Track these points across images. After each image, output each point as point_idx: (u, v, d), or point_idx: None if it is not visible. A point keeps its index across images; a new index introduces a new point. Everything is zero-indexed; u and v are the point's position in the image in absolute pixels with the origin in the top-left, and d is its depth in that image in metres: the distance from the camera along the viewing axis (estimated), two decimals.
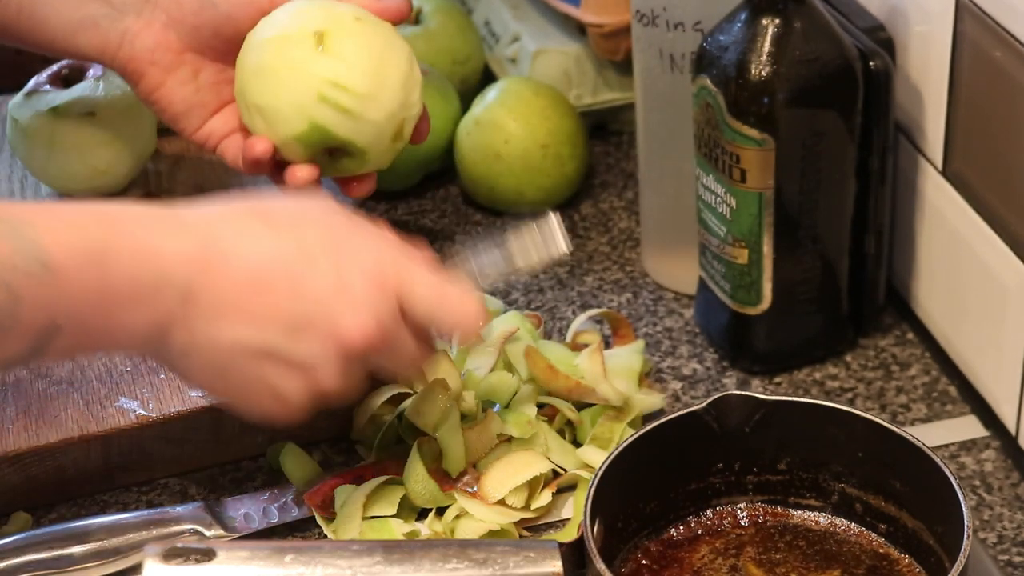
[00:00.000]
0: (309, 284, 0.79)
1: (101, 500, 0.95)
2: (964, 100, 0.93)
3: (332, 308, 0.79)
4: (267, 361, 0.79)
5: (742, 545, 0.84)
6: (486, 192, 1.18)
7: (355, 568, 0.74)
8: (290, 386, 0.80)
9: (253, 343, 0.78)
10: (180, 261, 0.76)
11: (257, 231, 0.79)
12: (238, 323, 0.78)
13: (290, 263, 0.79)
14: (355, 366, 0.81)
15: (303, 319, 0.78)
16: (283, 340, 0.78)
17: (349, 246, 0.81)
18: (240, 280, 0.78)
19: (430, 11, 1.27)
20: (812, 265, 0.99)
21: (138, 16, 0.97)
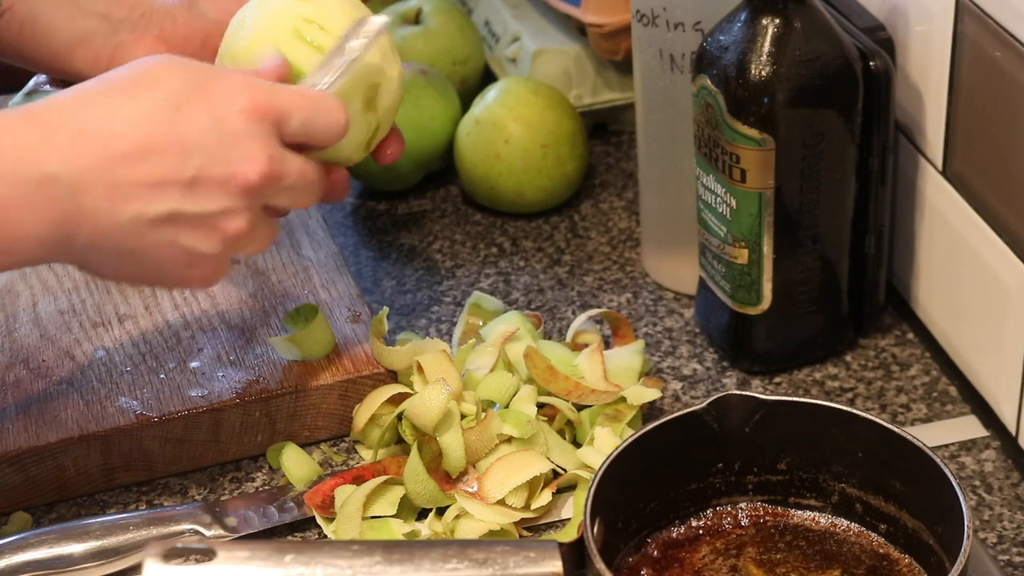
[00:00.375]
0: (190, 136, 0.79)
1: (101, 500, 0.95)
2: (964, 100, 0.93)
3: (220, 153, 0.79)
4: (172, 225, 0.79)
5: (742, 545, 0.84)
6: (486, 192, 1.18)
7: (355, 568, 0.74)
8: (202, 243, 0.81)
9: (154, 212, 0.78)
10: (56, 155, 0.76)
11: (121, 103, 0.79)
12: (134, 198, 0.78)
13: (165, 122, 0.78)
14: (258, 204, 0.82)
15: (196, 173, 0.79)
16: (183, 200, 0.79)
17: (213, 87, 0.81)
18: (122, 154, 0.77)
19: (430, 11, 1.27)
20: (812, 265, 0.99)
21: (132, 31, 0.98)
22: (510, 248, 1.16)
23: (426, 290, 1.12)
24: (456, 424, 0.92)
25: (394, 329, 1.07)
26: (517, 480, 0.90)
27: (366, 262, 1.15)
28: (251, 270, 1.07)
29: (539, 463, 0.91)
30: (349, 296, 1.04)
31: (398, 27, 1.27)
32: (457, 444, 0.91)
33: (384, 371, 0.98)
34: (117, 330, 1.01)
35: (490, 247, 1.16)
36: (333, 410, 0.98)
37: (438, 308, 1.10)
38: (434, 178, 1.23)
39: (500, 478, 0.91)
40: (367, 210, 1.21)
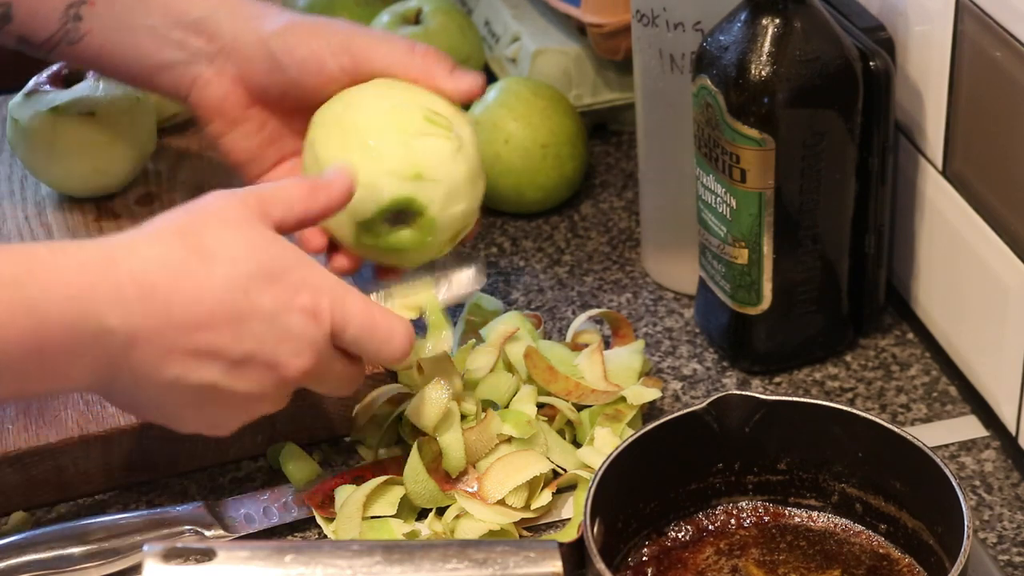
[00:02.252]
0: (250, 324, 0.80)
1: (101, 500, 0.95)
2: (964, 100, 0.93)
3: (273, 347, 0.80)
4: (209, 395, 0.81)
5: (742, 545, 0.84)
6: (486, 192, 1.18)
7: (355, 568, 0.74)
8: (229, 415, 0.83)
9: (195, 379, 0.79)
10: (121, 314, 0.77)
11: (195, 271, 0.79)
12: (180, 362, 0.79)
13: (231, 303, 0.79)
14: (290, 391, 0.84)
15: (244, 358, 0.80)
16: (224, 376, 0.80)
17: (288, 280, 0.81)
18: (182, 323, 0.78)
19: (430, 11, 1.27)
20: (812, 265, 0.99)
21: (210, 64, 0.97)
22: (510, 248, 1.16)
23: None
24: (456, 424, 0.92)
25: None
26: (517, 480, 0.90)
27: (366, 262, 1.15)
28: None
29: (539, 463, 0.91)
30: None
31: (398, 27, 1.27)
32: (457, 444, 0.91)
33: (384, 371, 0.98)
34: None
35: (490, 247, 1.16)
36: (333, 410, 0.98)
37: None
38: None
39: (500, 478, 0.91)
40: None
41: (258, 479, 0.96)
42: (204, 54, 0.97)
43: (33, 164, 1.13)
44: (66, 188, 1.15)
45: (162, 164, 1.18)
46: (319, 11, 1.32)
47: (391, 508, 0.91)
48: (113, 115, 1.11)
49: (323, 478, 0.94)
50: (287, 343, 0.81)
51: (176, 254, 0.79)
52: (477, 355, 0.99)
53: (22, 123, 1.11)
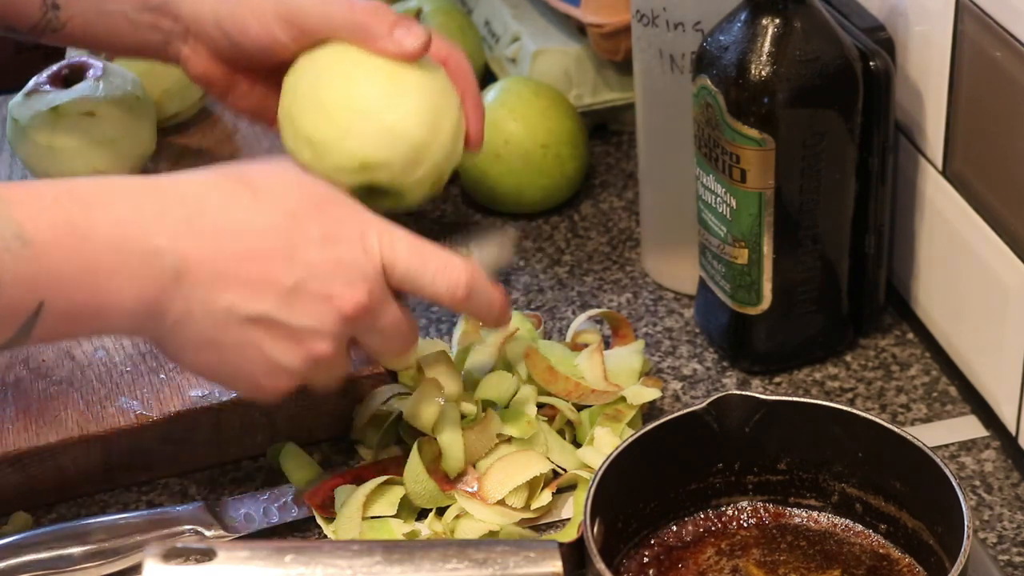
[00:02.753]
0: (301, 251, 0.79)
1: (101, 500, 0.95)
2: (964, 100, 0.93)
3: (326, 276, 0.79)
4: (262, 328, 0.79)
5: (742, 545, 0.84)
6: (486, 192, 1.18)
7: (355, 568, 0.74)
8: (284, 355, 0.81)
9: (249, 309, 0.78)
10: (169, 234, 0.76)
11: (243, 199, 0.79)
12: (234, 291, 0.78)
13: (281, 230, 0.79)
14: (346, 334, 0.82)
15: (297, 287, 0.79)
16: (279, 307, 0.79)
17: (334, 212, 0.81)
18: (233, 250, 0.78)
19: (430, 11, 1.27)
20: (812, 265, 0.99)
21: (184, 43, 0.98)
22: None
23: None
24: (456, 424, 0.92)
25: None
26: (517, 480, 0.90)
27: None
28: None
29: (539, 463, 0.91)
30: None
31: None
32: (456, 445, 0.91)
33: (384, 371, 0.98)
34: None
35: None
36: (333, 410, 0.98)
37: (438, 308, 1.10)
38: None
39: (500, 478, 0.91)
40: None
41: (258, 479, 0.96)
42: (177, 33, 0.98)
43: (33, 164, 1.13)
44: None
45: (162, 164, 1.18)
46: None
47: (391, 508, 0.91)
48: (113, 115, 1.11)
49: (323, 478, 0.94)
50: (340, 273, 0.79)
51: (223, 183, 0.79)
52: (477, 355, 0.99)
53: (22, 123, 1.11)
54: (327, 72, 0.93)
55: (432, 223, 1.19)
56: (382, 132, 0.91)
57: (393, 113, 0.92)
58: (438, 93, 0.94)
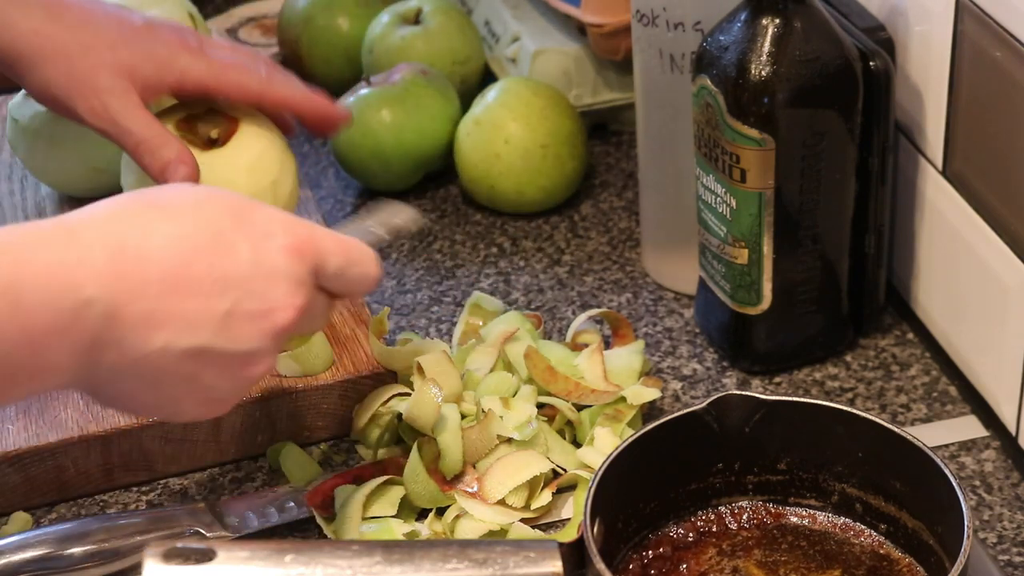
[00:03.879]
0: (231, 269, 0.76)
1: (101, 500, 0.95)
2: (964, 100, 0.93)
3: (261, 292, 0.76)
4: (201, 361, 0.76)
5: (742, 545, 0.84)
6: (486, 192, 1.18)
7: (355, 568, 0.74)
8: (223, 383, 0.78)
9: (185, 344, 0.75)
10: (93, 277, 0.72)
11: (160, 225, 0.75)
12: (167, 328, 0.74)
13: (206, 253, 0.75)
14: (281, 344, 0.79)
15: (232, 311, 0.76)
16: (215, 336, 0.75)
17: (254, 219, 0.78)
18: (160, 281, 0.74)
19: (430, 11, 1.27)
20: (812, 265, 0.99)
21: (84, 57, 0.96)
22: (510, 248, 1.16)
23: (426, 290, 1.12)
24: (455, 425, 0.92)
25: (394, 329, 1.07)
26: (517, 480, 0.90)
27: None
28: None
29: (539, 463, 0.91)
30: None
31: (398, 27, 1.27)
32: (455, 445, 0.91)
33: (384, 371, 0.98)
34: None
35: (490, 247, 1.16)
36: (333, 410, 0.98)
37: (438, 308, 1.10)
38: (434, 178, 1.23)
39: (500, 478, 0.91)
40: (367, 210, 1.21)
41: (258, 479, 0.96)
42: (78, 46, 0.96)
43: (33, 164, 1.13)
44: (66, 188, 1.15)
45: None
46: (319, 11, 1.32)
47: (391, 508, 0.91)
48: None
49: (323, 478, 0.94)
50: (275, 285, 0.77)
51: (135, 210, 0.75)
52: (477, 355, 0.99)
53: (22, 123, 1.11)
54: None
55: (432, 223, 1.19)
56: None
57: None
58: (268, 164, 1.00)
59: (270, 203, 1.00)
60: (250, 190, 0.99)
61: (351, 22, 1.32)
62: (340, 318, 1.02)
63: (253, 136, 1.01)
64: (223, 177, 0.98)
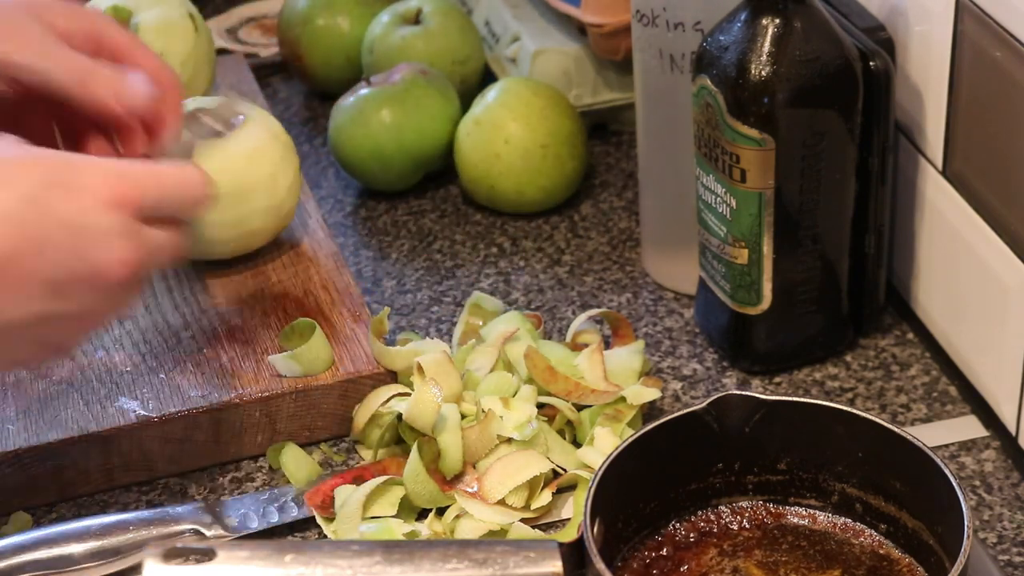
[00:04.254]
0: (50, 235, 0.75)
1: (101, 500, 0.95)
2: (964, 100, 0.93)
3: (84, 253, 0.76)
4: (42, 326, 0.76)
5: (742, 545, 0.84)
6: (486, 192, 1.18)
7: (355, 568, 0.74)
8: (69, 337, 0.79)
9: (21, 317, 0.75)
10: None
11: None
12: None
13: (20, 222, 0.75)
14: (127, 292, 0.79)
15: (61, 274, 0.75)
16: (47, 301, 0.75)
17: (73, 180, 0.77)
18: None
19: (430, 11, 1.27)
20: (812, 265, 0.99)
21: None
22: (510, 248, 1.16)
23: (426, 290, 1.12)
24: (455, 425, 0.92)
25: (394, 329, 1.07)
26: (517, 480, 0.90)
27: (366, 262, 1.15)
28: (251, 271, 1.07)
29: (539, 463, 0.91)
30: (349, 296, 1.04)
31: (398, 27, 1.27)
32: (455, 446, 0.91)
33: (384, 371, 0.98)
34: (117, 330, 1.01)
35: (490, 247, 1.16)
36: (333, 410, 0.98)
37: (438, 308, 1.10)
38: (434, 178, 1.23)
39: (500, 478, 0.91)
40: (367, 210, 1.21)
41: (258, 479, 0.96)
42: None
43: None
44: None
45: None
46: (319, 11, 1.32)
47: (391, 508, 0.91)
48: None
49: (323, 478, 0.94)
50: (97, 244, 0.76)
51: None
52: (477, 355, 0.99)
53: None
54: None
55: (432, 223, 1.19)
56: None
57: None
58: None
59: (268, 195, 1.03)
60: (248, 179, 1.02)
61: (351, 22, 1.32)
62: (340, 318, 1.02)
63: (255, 129, 1.04)
64: (221, 164, 1.00)
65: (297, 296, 1.04)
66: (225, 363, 0.99)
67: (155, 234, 0.80)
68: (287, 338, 0.99)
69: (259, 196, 1.03)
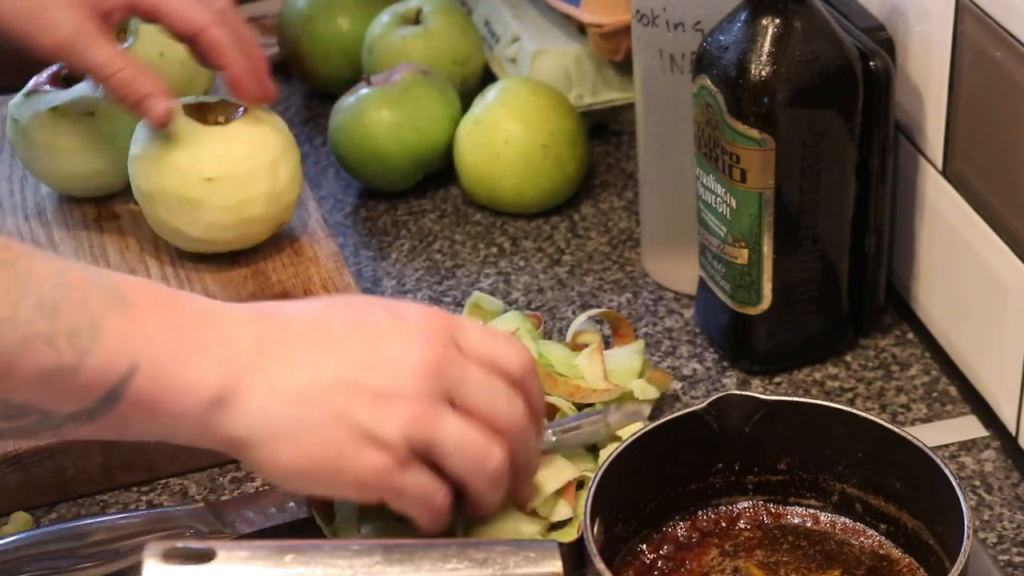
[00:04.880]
0: (368, 320, 0.78)
1: (101, 500, 0.95)
2: (964, 100, 0.93)
3: (397, 337, 0.78)
4: (348, 391, 0.76)
5: (742, 545, 0.84)
6: (486, 192, 1.18)
7: (355, 568, 0.74)
8: (377, 419, 0.76)
9: (332, 375, 0.76)
10: (246, 315, 0.77)
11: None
12: (312, 360, 0.77)
13: (345, 314, 0.79)
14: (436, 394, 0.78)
15: (372, 351, 0.77)
16: (360, 372, 0.77)
17: (395, 305, 0.81)
18: (304, 323, 0.78)
19: (430, 11, 1.27)
20: (812, 265, 0.99)
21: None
22: (510, 248, 1.16)
23: (426, 290, 1.12)
24: None
25: None
26: (550, 487, 0.89)
27: (366, 262, 1.15)
28: (251, 270, 1.07)
29: (568, 469, 0.90)
30: None
31: (398, 27, 1.27)
32: None
33: None
34: None
35: (490, 247, 1.16)
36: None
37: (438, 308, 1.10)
38: (434, 178, 1.23)
39: (534, 484, 0.89)
40: (367, 210, 1.21)
41: (258, 479, 0.96)
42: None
43: (33, 164, 1.13)
44: (66, 188, 1.15)
45: None
46: (318, 12, 1.32)
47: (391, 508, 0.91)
48: (113, 115, 1.11)
49: None
50: (407, 331, 0.78)
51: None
52: None
53: (22, 123, 1.11)
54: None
55: (432, 223, 1.19)
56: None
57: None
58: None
59: (269, 182, 1.04)
60: (249, 163, 1.02)
61: (351, 22, 1.32)
62: None
63: (257, 119, 1.05)
64: (222, 149, 1.02)
65: (297, 296, 1.04)
66: None
67: (473, 372, 0.80)
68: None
69: (260, 182, 1.03)
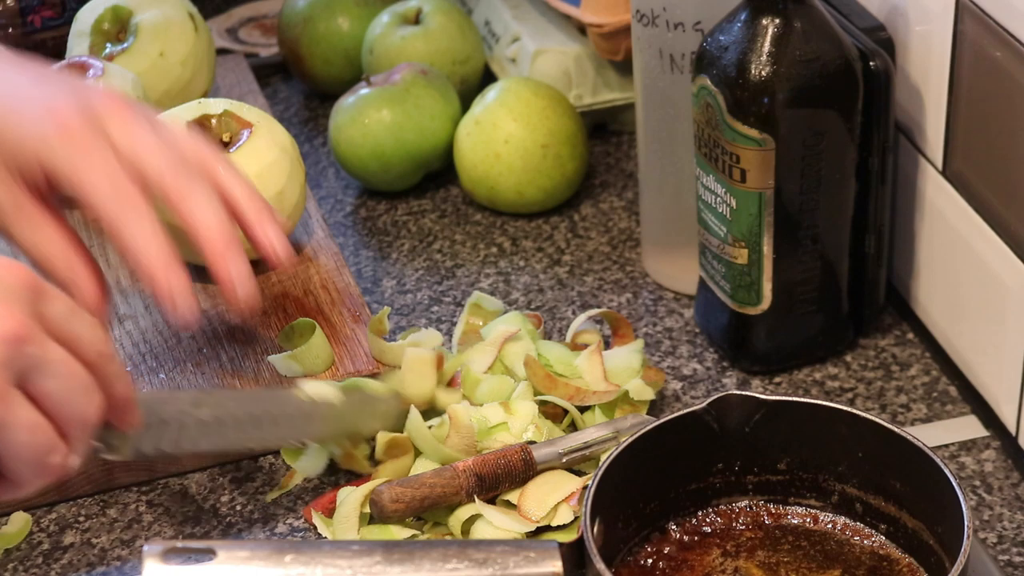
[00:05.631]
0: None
1: (101, 500, 0.95)
2: (964, 100, 0.93)
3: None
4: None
5: (742, 545, 0.84)
6: (486, 192, 1.18)
7: (355, 568, 0.74)
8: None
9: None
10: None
11: None
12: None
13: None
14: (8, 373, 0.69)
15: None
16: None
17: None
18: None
19: (430, 11, 1.27)
20: (812, 265, 0.99)
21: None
22: (510, 248, 1.16)
23: (426, 290, 1.12)
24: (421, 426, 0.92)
25: (394, 329, 1.07)
26: (556, 497, 0.89)
27: (366, 262, 1.15)
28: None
29: (573, 480, 0.90)
30: (349, 296, 1.04)
31: (398, 27, 1.27)
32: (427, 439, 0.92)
33: (383, 371, 0.98)
34: (117, 330, 1.01)
35: (490, 247, 1.16)
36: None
37: (438, 308, 1.10)
38: (434, 178, 1.23)
39: (539, 496, 0.89)
40: (367, 210, 1.21)
41: (258, 479, 0.96)
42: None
43: None
44: None
45: None
46: (318, 12, 1.32)
47: None
48: None
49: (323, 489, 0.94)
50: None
51: None
52: (475, 353, 0.99)
53: None
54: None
55: (432, 223, 1.19)
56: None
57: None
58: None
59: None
60: None
61: (351, 22, 1.32)
62: (340, 318, 1.02)
63: (265, 144, 1.03)
64: None
65: (297, 296, 1.04)
66: (225, 363, 0.99)
67: (54, 345, 0.72)
68: (287, 338, 0.99)
69: None
